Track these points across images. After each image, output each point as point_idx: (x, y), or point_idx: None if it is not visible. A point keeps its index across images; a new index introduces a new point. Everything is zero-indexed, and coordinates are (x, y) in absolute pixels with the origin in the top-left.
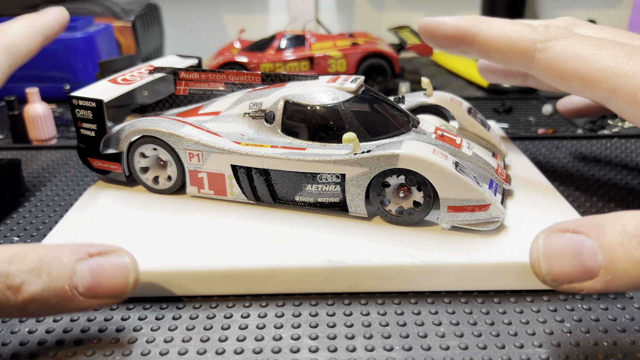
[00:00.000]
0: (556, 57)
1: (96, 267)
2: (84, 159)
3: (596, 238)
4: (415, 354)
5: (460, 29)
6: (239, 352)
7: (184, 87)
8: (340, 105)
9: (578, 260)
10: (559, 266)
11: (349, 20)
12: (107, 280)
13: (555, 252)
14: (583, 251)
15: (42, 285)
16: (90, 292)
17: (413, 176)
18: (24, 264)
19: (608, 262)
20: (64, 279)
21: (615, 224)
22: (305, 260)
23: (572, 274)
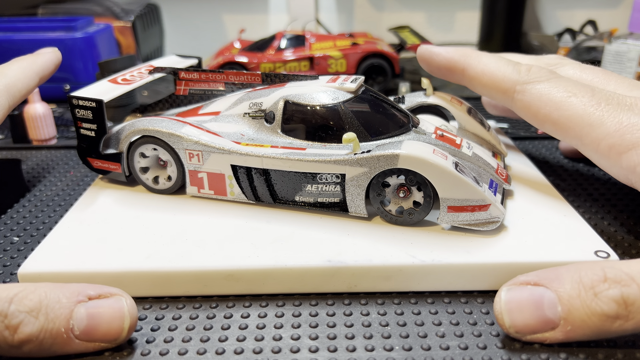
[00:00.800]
0: (532, 101)
1: (93, 310)
2: (84, 159)
3: (555, 290)
4: (415, 354)
5: (452, 62)
6: (239, 352)
7: (184, 87)
8: (340, 105)
9: (539, 312)
10: (521, 319)
11: (349, 20)
12: (103, 325)
13: (517, 305)
14: (543, 303)
15: (39, 327)
16: (86, 336)
17: (413, 176)
18: (24, 304)
19: (567, 313)
20: (60, 321)
21: (573, 276)
22: (305, 260)
23: (533, 326)
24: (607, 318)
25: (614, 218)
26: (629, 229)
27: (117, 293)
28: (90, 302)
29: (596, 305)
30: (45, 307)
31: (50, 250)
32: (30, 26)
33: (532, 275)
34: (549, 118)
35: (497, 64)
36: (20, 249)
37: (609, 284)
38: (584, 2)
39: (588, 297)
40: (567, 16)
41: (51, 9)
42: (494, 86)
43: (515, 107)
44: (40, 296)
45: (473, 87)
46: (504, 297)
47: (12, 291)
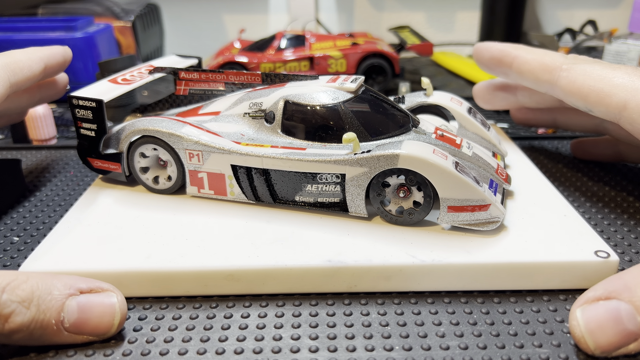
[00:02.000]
0: (578, 75)
1: (84, 304)
2: (84, 159)
3: (629, 300)
4: (415, 354)
5: (504, 51)
6: (239, 352)
7: (184, 87)
8: (340, 105)
9: (620, 327)
10: (605, 338)
11: (349, 20)
12: (93, 319)
13: (597, 325)
14: (622, 317)
15: (30, 317)
16: (75, 329)
17: (413, 176)
18: (16, 294)
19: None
20: (51, 313)
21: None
22: (305, 260)
23: (618, 342)
24: None
25: (614, 218)
26: (629, 229)
27: (108, 289)
28: (81, 295)
29: None
30: (37, 298)
31: (50, 250)
32: (30, 26)
33: (600, 289)
34: (594, 88)
35: (544, 52)
36: (20, 249)
37: None
38: (584, 2)
39: None
40: (567, 16)
41: (51, 9)
42: (542, 68)
43: (561, 84)
44: (33, 287)
45: (521, 73)
46: (581, 319)
47: (4, 280)
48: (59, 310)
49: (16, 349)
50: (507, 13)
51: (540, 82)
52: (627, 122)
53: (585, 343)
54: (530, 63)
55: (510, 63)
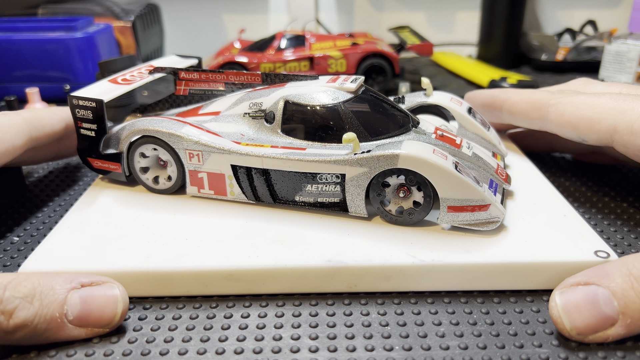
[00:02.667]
0: (566, 108)
1: (87, 296)
2: (84, 159)
3: (607, 286)
4: (415, 354)
5: (494, 96)
6: (239, 352)
7: (184, 87)
8: (340, 105)
9: (596, 310)
10: (581, 319)
11: (349, 20)
12: (96, 310)
13: (574, 306)
14: (599, 301)
15: (34, 312)
16: (79, 321)
17: (413, 176)
18: (18, 290)
19: (624, 307)
20: (55, 307)
21: (622, 270)
22: (305, 260)
23: (594, 325)
24: None
25: (614, 218)
26: (629, 229)
27: (108, 281)
28: (83, 288)
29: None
30: (39, 293)
31: (50, 250)
32: (30, 26)
33: (580, 275)
34: (583, 117)
35: (532, 92)
36: (20, 249)
37: None
38: (584, 2)
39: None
40: (567, 16)
41: (51, 9)
42: (531, 106)
43: (550, 118)
44: (34, 283)
45: (512, 114)
46: (559, 301)
47: (6, 279)
48: (62, 304)
49: (16, 348)
50: (507, 13)
51: (532, 120)
52: (620, 145)
53: (562, 324)
54: (519, 104)
55: (501, 106)
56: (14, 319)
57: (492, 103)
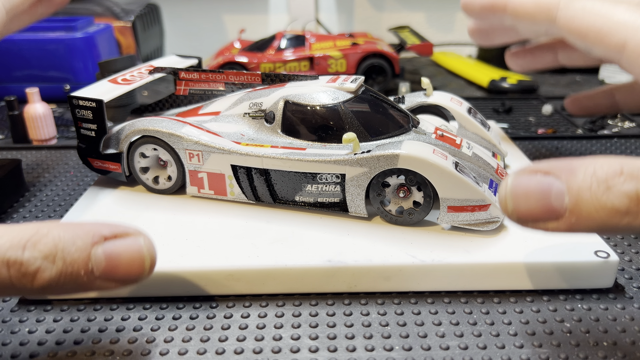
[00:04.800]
0: (576, 13)
1: (111, 252)
2: (84, 159)
3: (566, 180)
4: (415, 354)
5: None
6: (239, 352)
7: (184, 87)
8: (340, 105)
9: (544, 201)
10: (525, 206)
11: (349, 20)
12: (123, 266)
13: (523, 192)
14: (550, 193)
15: (58, 272)
16: (106, 276)
17: (413, 176)
18: (38, 249)
19: (574, 204)
20: (79, 265)
21: (587, 168)
22: (305, 260)
23: (537, 214)
24: (616, 213)
25: None
26: None
27: (132, 232)
28: (106, 243)
29: (607, 199)
30: (61, 251)
31: None
32: (30, 26)
33: (545, 163)
34: (593, 27)
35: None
36: None
37: (625, 178)
38: None
39: (600, 190)
40: None
41: None
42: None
43: (559, 24)
44: (55, 239)
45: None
46: (510, 182)
47: (25, 235)
48: (86, 261)
49: (15, 349)
50: None
51: (538, 23)
52: (626, 64)
53: (506, 205)
54: (525, 5)
55: (504, 7)
56: (38, 280)
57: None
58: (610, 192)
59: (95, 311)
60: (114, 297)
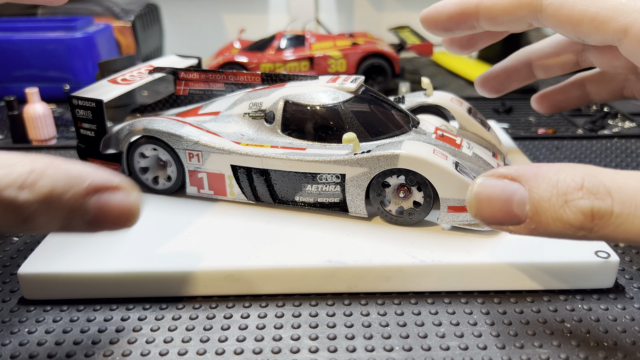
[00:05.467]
0: (565, 0)
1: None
2: (84, 159)
3: (530, 189)
4: (415, 354)
5: (463, 3)
6: (239, 353)
7: (184, 87)
8: (340, 105)
9: (507, 207)
10: (489, 210)
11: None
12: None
13: (487, 197)
14: (514, 199)
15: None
16: (95, 227)
17: (413, 176)
18: (36, 191)
19: (533, 213)
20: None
21: (552, 178)
22: (305, 260)
23: (499, 218)
24: (570, 227)
25: None
26: None
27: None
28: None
29: (563, 212)
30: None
31: (50, 251)
32: (30, 26)
33: (514, 169)
34: (586, 14)
35: None
36: (20, 249)
37: (584, 193)
38: None
39: (558, 202)
40: None
41: (51, 9)
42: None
43: (546, 15)
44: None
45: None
46: (477, 186)
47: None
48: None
49: (15, 349)
50: None
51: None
52: (627, 50)
53: (470, 208)
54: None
55: (476, 12)
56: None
57: (462, 11)
58: (567, 207)
59: (95, 311)
60: (114, 298)
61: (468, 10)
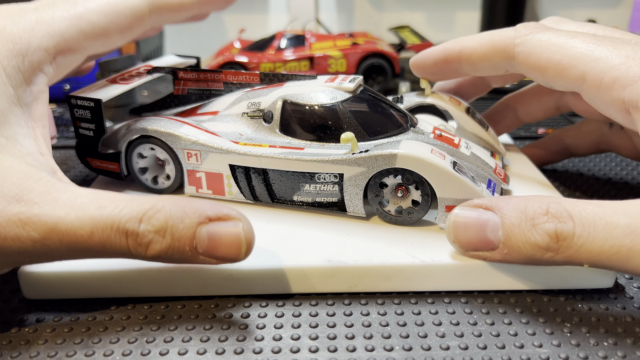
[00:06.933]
0: (533, 48)
1: (213, 233)
2: (83, 159)
3: (501, 216)
4: (415, 354)
5: (447, 50)
6: (238, 352)
7: (183, 87)
8: (339, 104)
9: (481, 233)
10: (465, 236)
11: (349, 20)
12: (222, 247)
13: (463, 224)
14: (487, 226)
15: (167, 245)
16: (209, 254)
17: (410, 175)
18: (152, 224)
19: (506, 238)
20: (185, 241)
21: (520, 206)
22: (305, 260)
23: (475, 244)
24: (538, 248)
25: None
26: None
27: (234, 217)
28: (210, 224)
29: (531, 235)
30: (170, 227)
31: None
32: None
33: (487, 200)
34: (551, 61)
35: (491, 33)
36: None
37: (548, 217)
38: (584, 2)
39: (527, 227)
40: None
41: None
42: (494, 49)
43: (518, 61)
44: (166, 216)
45: (473, 65)
46: (453, 216)
47: (141, 210)
48: (192, 238)
49: (16, 348)
50: (507, 13)
51: (496, 64)
52: (587, 96)
53: (448, 235)
54: (478, 50)
55: (458, 58)
56: (150, 250)
57: (446, 57)
58: (535, 230)
59: (95, 311)
60: (114, 298)
61: (451, 56)
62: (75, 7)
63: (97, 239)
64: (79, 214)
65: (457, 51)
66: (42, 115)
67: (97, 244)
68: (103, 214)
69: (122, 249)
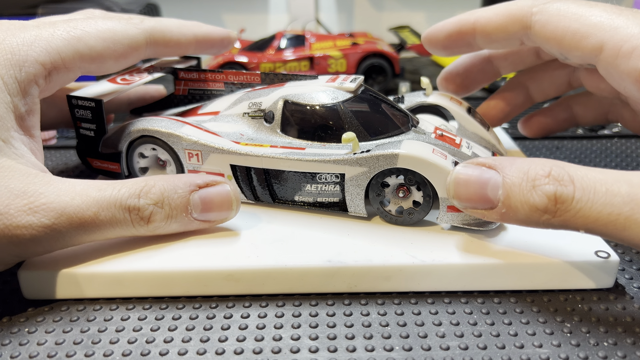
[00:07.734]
0: (551, 17)
1: (205, 196)
2: (84, 159)
3: (504, 175)
4: (415, 354)
5: (461, 22)
6: (239, 352)
7: (183, 87)
8: (340, 104)
9: (482, 191)
10: (465, 193)
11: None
12: (215, 207)
13: (464, 181)
14: (488, 185)
15: (165, 214)
16: (203, 217)
17: (412, 176)
18: (150, 198)
19: (505, 197)
20: (181, 208)
21: (523, 166)
22: (305, 260)
23: (474, 201)
24: (536, 210)
25: None
26: None
27: (220, 181)
28: (201, 190)
29: (530, 196)
30: (166, 198)
31: None
32: None
33: (492, 159)
34: (569, 29)
35: (507, 3)
36: None
37: (550, 180)
38: None
39: (527, 187)
40: None
41: (51, 9)
42: (510, 19)
43: (535, 31)
44: (161, 189)
45: (488, 36)
46: (455, 172)
47: (137, 187)
48: (186, 204)
49: (15, 349)
50: None
51: (513, 35)
52: (603, 67)
53: (448, 190)
54: (494, 20)
55: (472, 29)
56: (151, 221)
57: (460, 29)
58: (534, 191)
59: (95, 311)
60: (114, 297)
61: (465, 28)
62: (75, 29)
63: (102, 217)
64: (82, 198)
65: (471, 22)
66: (33, 126)
67: (104, 222)
68: (104, 195)
69: (125, 224)
